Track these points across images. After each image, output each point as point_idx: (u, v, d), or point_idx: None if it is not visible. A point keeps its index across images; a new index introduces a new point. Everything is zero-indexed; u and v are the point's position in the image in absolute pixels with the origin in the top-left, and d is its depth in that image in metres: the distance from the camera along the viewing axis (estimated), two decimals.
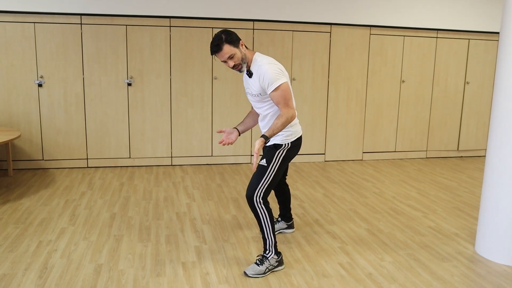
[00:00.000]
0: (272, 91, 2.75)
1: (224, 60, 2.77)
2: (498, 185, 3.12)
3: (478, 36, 6.44)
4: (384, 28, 6.07)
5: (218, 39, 2.73)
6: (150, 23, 5.38)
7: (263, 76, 2.75)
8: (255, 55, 2.85)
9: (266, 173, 2.85)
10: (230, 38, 2.74)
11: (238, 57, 2.76)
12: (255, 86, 2.84)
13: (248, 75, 2.86)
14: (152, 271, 2.91)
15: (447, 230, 3.75)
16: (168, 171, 5.44)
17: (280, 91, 2.73)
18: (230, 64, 2.77)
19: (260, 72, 2.77)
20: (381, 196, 4.64)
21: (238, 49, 2.77)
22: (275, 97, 2.76)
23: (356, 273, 2.95)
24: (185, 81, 5.60)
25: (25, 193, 4.44)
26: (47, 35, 5.18)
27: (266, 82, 2.75)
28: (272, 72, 2.74)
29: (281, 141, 2.90)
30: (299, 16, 5.70)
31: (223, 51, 2.73)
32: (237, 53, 2.76)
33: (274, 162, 2.87)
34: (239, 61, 2.78)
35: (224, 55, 2.73)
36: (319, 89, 5.99)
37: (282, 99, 2.75)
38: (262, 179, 2.84)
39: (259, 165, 2.88)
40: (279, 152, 2.89)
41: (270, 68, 2.76)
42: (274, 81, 2.73)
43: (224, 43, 2.72)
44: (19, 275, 2.80)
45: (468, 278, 2.92)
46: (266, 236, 2.90)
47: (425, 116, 6.47)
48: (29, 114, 5.28)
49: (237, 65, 2.78)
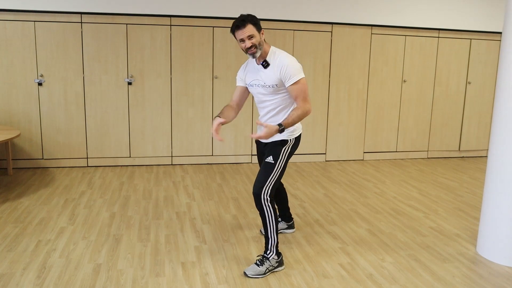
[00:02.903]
0: (292, 84, 2.78)
1: (243, 38, 2.75)
2: (500, 186, 3.10)
3: (480, 36, 6.41)
4: (386, 28, 6.05)
5: (245, 17, 2.76)
6: (150, 22, 5.37)
7: (286, 67, 2.76)
8: (271, 48, 2.88)
9: (274, 170, 2.86)
10: (255, 20, 2.78)
11: (256, 40, 2.76)
12: (272, 77, 2.82)
13: (264, 65, 2.85)
14: (151, 271, 2.89)
15: (448, 230, 3.73)
16: (168, 171, 5.42)
17: (300, 84, 2.78)
18: (247, 44, 2.75)
19: (282, 63, 2.78)
20: (382, 196, 4.62)
21: (259, 34, 2.78)
22: (294, 90, 2.78)
23: (357, 273, 2.93)
24: (185, 80, 5.58)
25: (25, 192, 4.43)
26: (47, 33, 5.17)
27: (288, 74, 2.76)
28: (294, 65, 2.78)
29: (287, 137, 2.91)
30: (300, 15, 5.68)
31: (246, 28, 2.72)
32: (257, 36, 2.77)
33: (280, 158, 2.88)
34: (257, 43, 2.77)
35: (245, 33, 2.73)
36: (320, 89, 5.97)
37: (301, 92, 2.79)
38: (269, 176, 2.84)
39: (265, 162, 2.88)
40: (285, 148, 2.91)
41: (293, 61, 2.80)
42: (296, 74, 2.77)
43: (249, 22, 2.74)
44: (18, 275, 2.79)
45: (470, 279, 2.90)
46: (270, 235, 2.88)
47: (426, 116, 6.45)
48: (29, 113, 5.27)
49: (253, 46, 2.76)
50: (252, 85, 2.95)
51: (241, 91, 3.05)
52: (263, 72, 2.86)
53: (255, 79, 2.92)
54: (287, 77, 2.77)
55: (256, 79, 2.91)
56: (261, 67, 2.86)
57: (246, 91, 3.06)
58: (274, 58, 2.83)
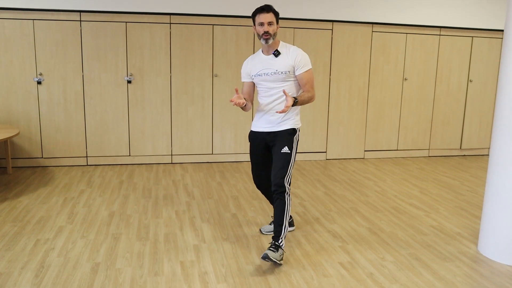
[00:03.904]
0: (304, 72, 3.08)
1: (263, 22, 2.99)
2: (502, 184, 3.08)
3: (482, 34, 6.38)
4: (387, 26, 6.02)
5: (270, 5, 3.04)
6: (150, 20, 5.34)
7: (300, 56, 3.07)
8: (280, 42, 3.16)
9: (291, 159, 3.05)
10: (277, 13, 3.07)
11: (273, 29, 3.03)
12: (285, 64, 3.07)
13: (275, 54, 3.09)
14: (150, 270, 2.87)
15: (450, 229, 3.71)
16: (168, 169, 5.40)
17: (310, 73, 3.12)
18: (265, 29, 2.99)
19: (296, 52, 3.08)
20: (383, 195, 4.59)
21: (276, 25, 3.06)
22: (304, 78, 3.09)
23: (357, 272, 2.91)
24: (185, 79, 5.56)
25: (24, 191, 4.41)
26: (46, 32, 5.15)
27: (302, 63, 3.07)
28: (307, 56, 3.12)
29: (295, 126, 3.13)
30: (300, 13, 5.65)
31: (269, 14, 3.00)
32: (275, 26, 3.04)
33: (294, 147, 3.09)
34: (273, 32, 3.03)
35: (267, 18, 2.99)
36: (320, 87, 5.94)
37: (310, 80, 3.12)
38: (289, 165, 3.02)
39: (283, 153, 3.04)
40: (296, 138, 3.12)
41: (305, 53, 3.14)
42: (307, 64, 3.10)
43: (272, 11, 3.03)
44: (15, 274, 2.77)
45: (471, 278, 2.87)
46: (284, 225, 2.98)
47: (427, 114, 6.42)
48: (28, 112, 5.25)
49: (269, 33, 3.00)
50: (261, 74, 3.12)
51: (250, 86, 3.25)
52: (274, 60, 3.09)
53: (265, 68, 3.11)
54: (300, 64, 3.07)
55: (266, 68, 3.11)
56: (272, 57, 3.10)
57: (253, 85, 3.25)
58: (287, 49, 3.11)
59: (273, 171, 3.03)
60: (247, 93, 3.25)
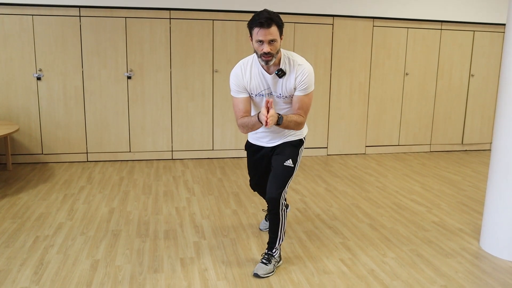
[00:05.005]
0: (303, 95, 2.57)
1: (264, 40, 2.40)
2: (504, 180, 3.05)
3: (483, 28, 6.33)
4: (388, 20, 5.97)
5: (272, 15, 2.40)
6: (150, 15, 5.31)
7: (306, 77, 2.53)
8: (282, 51, 2.57)
9: (293, 174, 2.73)
10: (280, 22, 2.44)
11: (276, 47, 2.44)
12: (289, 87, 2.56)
13: (279, 75, 2.53)
14: (149, 267, 2.86)
15: (451, 225, 3.69)
16: (169, 165, 5.38)
17: (309, 98, 2.60)
18: (265, 49, 2.40)
19: (303, 71, 2.53)
20: (384, 191, 4.57)
21: (280, 40, 2.48)
22: (302, 102, 2.56)
23: (358, 269, 2.89)
24: (185, 74, 5.53)
25: (24, 188, 4.40)
26: (46, 27, 5.12)
27: (305, 84, 2.54)
28: (312, 75, 2.57)
29: (302, 135, 2.83)
30: (300, 7, 5.61)
31: (271, 30, 2.39)
32: (278, 42, 2.45)
33: (297, 161, 2.79)
34: (275, 51, 2.45)
35: (268, 36, 2.39)
36: (321, 82, 5.91)
37: (306, 105, 2.60)
38: (288, 180, 2.71)
39: (285, 166, 2.69)
40: (301, 150, 2.83)
41: (312, 70, 2.58)
42: (310, 86, 2.59)
43: (275, 23, 2.41)
44: (14, 271, 2.76)
45: (473, 274, 2.85)
46: (279, 236, 2.80)
47: (429, 110, 6.39)
48: (28, 108, 5.23)
49: (271, 54, 2.43)
50: (263, 94, 2.63)
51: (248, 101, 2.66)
52: (277, 80, 2.57)
53: (267, 88, 2.61)
54: (302, 86, 2.55)
55: (268, 88, 2.61)
56: (275, 76, 2.56)
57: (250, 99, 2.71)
58: (291, 65, 2.55)
59: (271, 181, 2.69)
60: (246, 111, 2.64)
